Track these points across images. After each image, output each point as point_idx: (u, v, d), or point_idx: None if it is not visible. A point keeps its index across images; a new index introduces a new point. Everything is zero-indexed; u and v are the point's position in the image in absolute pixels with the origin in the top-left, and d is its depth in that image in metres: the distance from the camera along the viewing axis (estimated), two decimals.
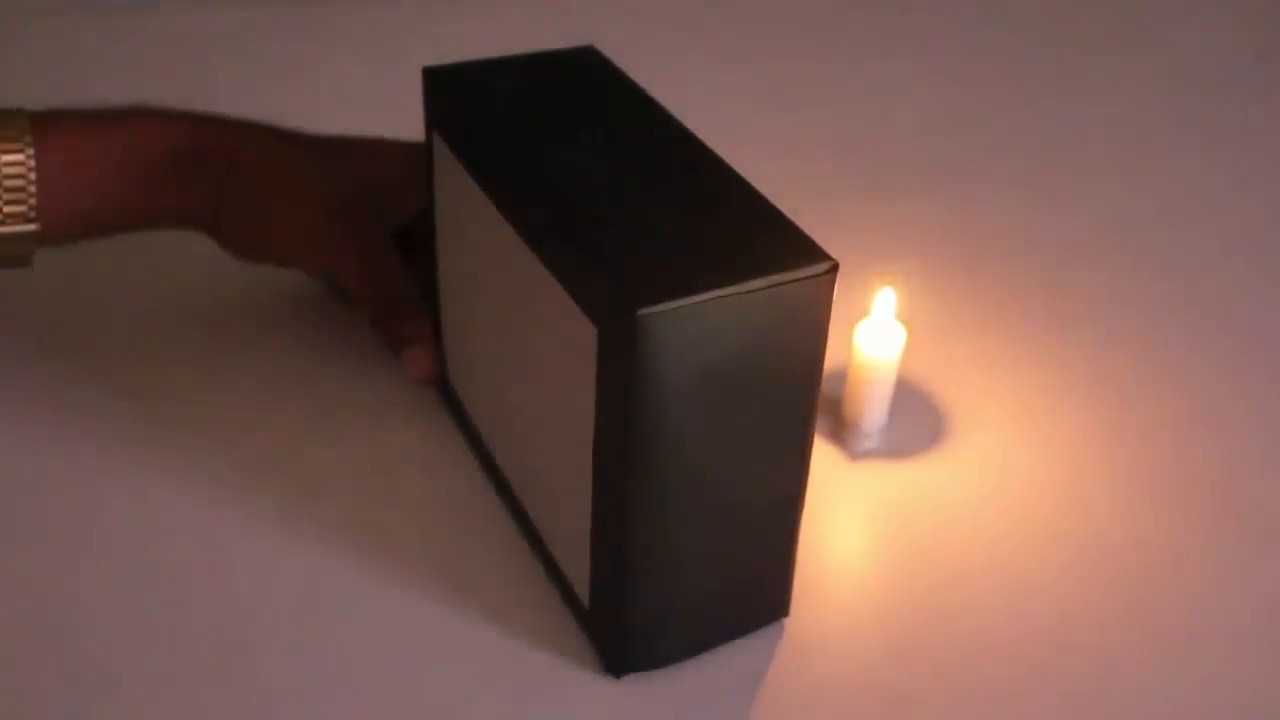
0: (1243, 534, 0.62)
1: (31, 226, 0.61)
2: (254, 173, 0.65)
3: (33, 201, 0.60)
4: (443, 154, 0.59)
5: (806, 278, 0.47)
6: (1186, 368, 0.73)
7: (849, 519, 0.62)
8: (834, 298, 0.48)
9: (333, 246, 0.66)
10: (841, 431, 0.67)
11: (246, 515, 0.60)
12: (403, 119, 0.79)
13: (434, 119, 0.59)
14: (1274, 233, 0.87)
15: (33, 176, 0.60)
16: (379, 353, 0.70)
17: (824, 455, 0.65)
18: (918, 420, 0.68)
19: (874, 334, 0.65)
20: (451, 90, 0.58)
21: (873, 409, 0.66)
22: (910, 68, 1.06)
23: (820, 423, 0.67)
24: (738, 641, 0.55)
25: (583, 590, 0.54)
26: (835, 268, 0.47)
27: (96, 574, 0.57)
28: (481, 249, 0.56)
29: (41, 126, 0.61)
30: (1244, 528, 0.63)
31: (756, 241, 0.48)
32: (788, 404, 0.49)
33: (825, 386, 0.66)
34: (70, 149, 0.62)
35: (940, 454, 0.66)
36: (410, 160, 0.68)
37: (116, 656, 0.54)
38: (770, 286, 0.46)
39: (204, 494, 0.61)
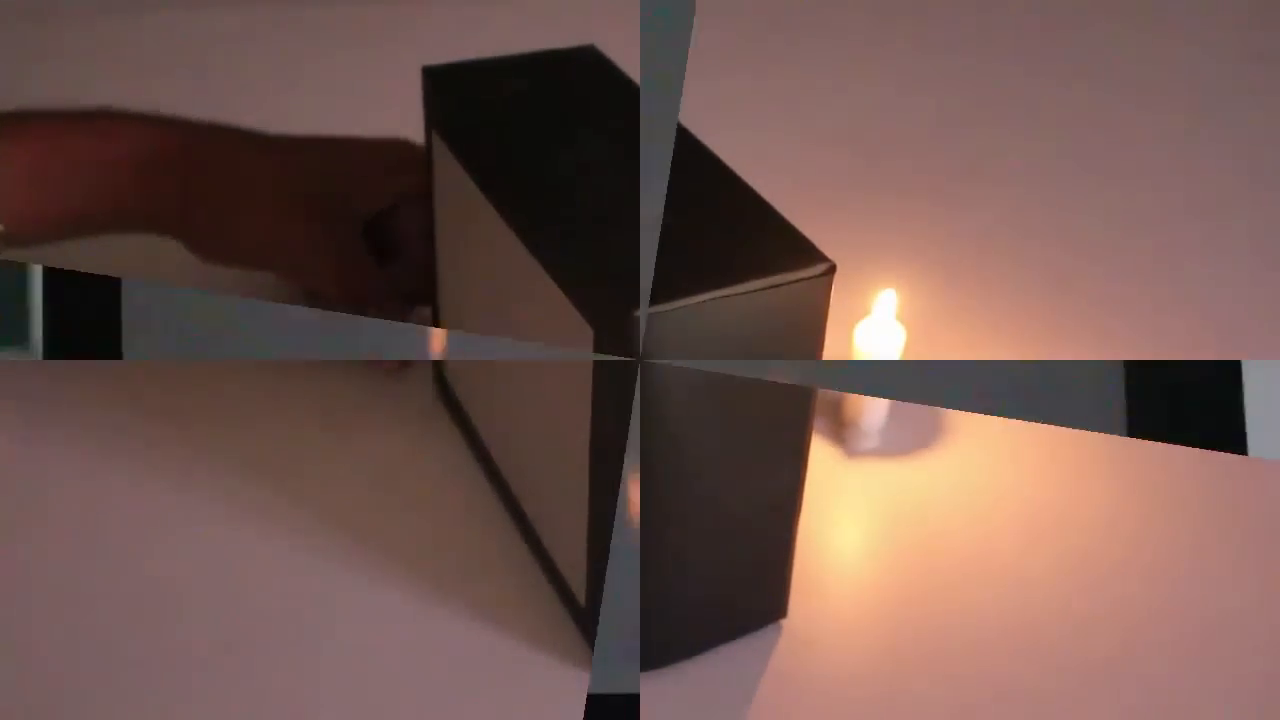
0: (1242, 533, 0.62)
1: None
2: (219, 173, 0.64)
3: None
4: (442, 154, 0.59)
5: (804, 279, 0.47)
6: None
7: (848, 519, 0.62)
8: (834, 298, 0.48)
9: (300, 245, 0.65)
10: (841, 431, 0.67)
11: (245, 514, 0.60)
12: (402, 119, 0.79)
13: (433, 119, 0.59)
14: (1274, 233, 0.87)
15: None
16: None
17: (823, 454, 0.65)
18: (917, 420, 0.68)
19: (874, 334, 0.65)
20: (451, 90, 0.58)
21: (872, 408, 0.66)
22: (910, 68, 1.06)
23: (820, 422, 0.67)
24: (735, 642, 0.55)
25: (580, 590, 0.54)
26: (833, 269, 0.47)
27: (94, 573, 0.57)
28: (480, 248, 0.56)
29: (6, 128, 0.60)
30: (1243, 527, 0.63)
31: (754, 243, 0.48)
32: (785, 405, 0.49)
33: None
34: (35, 151, 0.61)
35: (939, 453, 0.66)
36: (376, 156, 0.68)
37: (114, 655, 0.54)
38: (767, 288, 0.46)
39: (202, 493, 0.61)
